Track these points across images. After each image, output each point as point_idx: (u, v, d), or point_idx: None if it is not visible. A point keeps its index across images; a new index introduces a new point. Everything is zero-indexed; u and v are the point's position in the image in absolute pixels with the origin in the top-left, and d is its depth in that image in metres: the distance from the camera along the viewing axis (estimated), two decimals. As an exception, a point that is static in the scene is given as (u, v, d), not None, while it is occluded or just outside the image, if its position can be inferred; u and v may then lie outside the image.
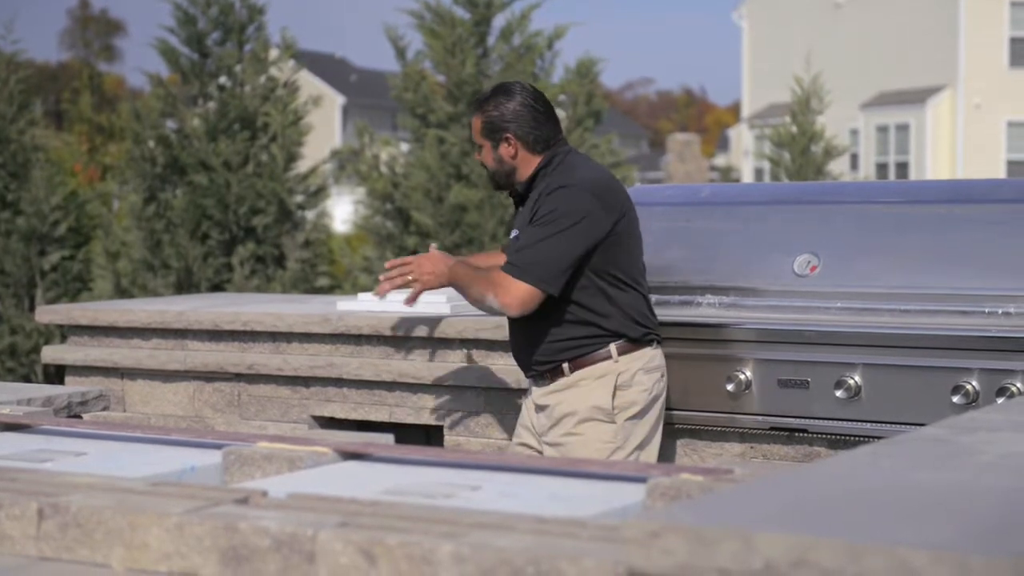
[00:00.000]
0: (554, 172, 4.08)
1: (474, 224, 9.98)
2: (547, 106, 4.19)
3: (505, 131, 4.11)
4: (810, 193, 5.14)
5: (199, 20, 10.78)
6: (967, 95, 31.88)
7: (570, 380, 4.03)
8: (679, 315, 4.31)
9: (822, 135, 11.82)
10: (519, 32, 10.46)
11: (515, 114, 4.13)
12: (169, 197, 10.62)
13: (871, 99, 32.95)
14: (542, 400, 4.09)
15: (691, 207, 4.68)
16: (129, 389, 5.28)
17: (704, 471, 2.34)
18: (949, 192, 4.73)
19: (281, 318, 5.02)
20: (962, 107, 31.89)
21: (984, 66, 31.79)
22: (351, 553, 1.84)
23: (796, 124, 11.75)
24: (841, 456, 2.03)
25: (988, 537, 1.52)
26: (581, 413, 3.99)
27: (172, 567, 1.96)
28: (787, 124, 11.88)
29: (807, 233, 4.36)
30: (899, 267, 4.19)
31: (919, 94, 32.17)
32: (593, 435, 3.98)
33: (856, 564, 1.48)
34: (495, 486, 2.39)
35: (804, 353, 4.18)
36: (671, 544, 1.57)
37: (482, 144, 4.16)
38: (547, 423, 4.05)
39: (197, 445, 2.82)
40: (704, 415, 4.31)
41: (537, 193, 4.06)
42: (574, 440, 3.98)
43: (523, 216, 4.11)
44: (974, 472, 1.89)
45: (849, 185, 5.94)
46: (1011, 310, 3.94)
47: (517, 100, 4.16)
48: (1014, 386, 3.88)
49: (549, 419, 4.04)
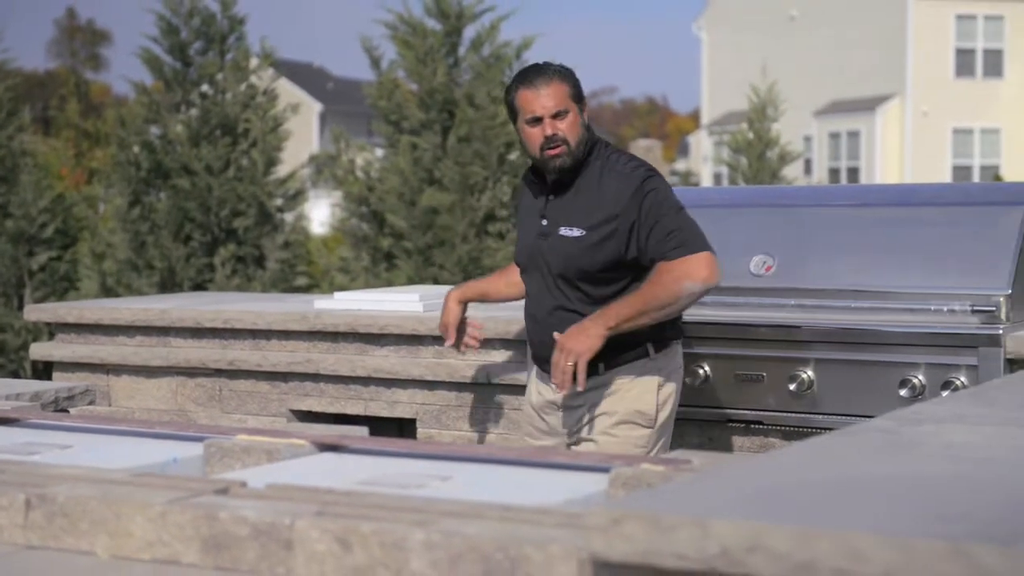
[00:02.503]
0: (615, 155, 3.71)
1: (446, 226, 9.97)
2: None
3: (584, 98, 3.75)
4: (766, 197, 5.16)
5: (182, 30, 10.74)
6: (915, 103, 32.03)
7: (604, 379, 3.68)
8: (641, 313, 4.31)
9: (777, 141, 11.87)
10: (489, 43, 10.46)
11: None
12: (153, 200, 10.58)
13: (824, 107, 33.07)
14: (572, 400, 3.72)
15: (652, 210, 4.68)
16: (114, 384, 5.26)
17: (664, 461, 2.34)
18: (897, 196, 4.76)
19: (261, 316, 5.01)
20: (910, 115, 32.05)
21: (931, 76, 31.96)
22: (327, 541, 1.84)
23: (753, 131, 11.79)
24: (794, 447, 2.04)
25: (931, 523, 1.53)
26: (620, 414, 3.68)
27: (155, 555, 1.95)
28: (744, 131, 11.93)
29: (763, 234, 4.38)
30: (850, 267, 4.20)
31: (869, 102, 32.31)
32: (628, 438, 3.67)
33: (807, 549, 1.49)
34: (465, 476, 2.39)
35: (759, 349, 4.19)
36: (631, 531, 1.58)
37: (568, 109, 3.65)
38: (575, 423, 3.74)
39: (179, 438, 2.81)
40: (665, 408, 4.32)
41: (610, 177, 3.63)
42: (608, 441, 3.66)
43: (576, 202, 3.66)
44: (919, 462, 1.90)
45: (803, 189, 5.96)
46: (955, 308, 3.97)
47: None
48: (958, 380, 3.91)
49: (580, 419, 3.72)
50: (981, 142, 32.60)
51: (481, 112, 10.05)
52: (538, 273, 3.76)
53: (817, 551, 1.48)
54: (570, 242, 3.64)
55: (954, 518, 1.55)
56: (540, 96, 3.65)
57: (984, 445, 2.02)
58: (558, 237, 3.68)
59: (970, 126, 32.43)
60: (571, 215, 3.67)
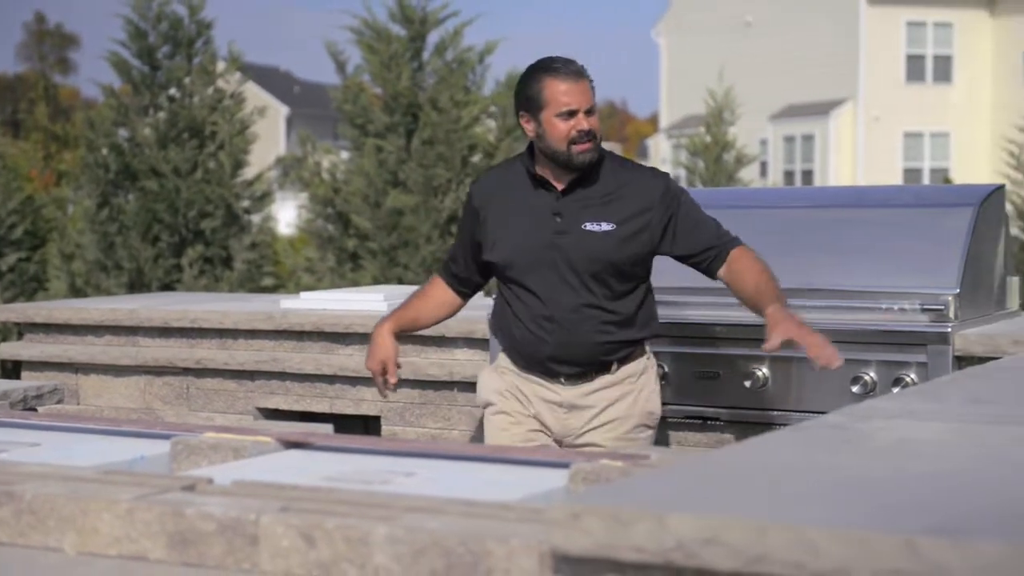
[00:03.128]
0: (615, 156, 3.70)
1: (410, 227, 9.96)
2: None
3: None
4: (722, 198, 5.17)
5: (150, 34, 10.68)
6: (867, 108, 32.22)
7: (614, 378, 3.62)
8: (601, 312, 4.32)
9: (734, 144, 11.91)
10: (452, 47, 10.45)
11: None
12: (121, 202, 10.50)
13: (779, 111, 33.21)
14: (582, 400, 3.62)
15: (612, 211, 4.69)
16: (83, 383, 5.22)
17: (622, 457, 2.34)
18: (850, 197, 4.79)
19: (227, 316, 4.99)
20: (862, 119, 32.24)
21: (882, 81, 32.15)
22: (292, 536, 1.84)
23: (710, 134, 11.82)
24: (749, 442, 2.05)
25: (882, 516, 1.54)
26: (635, 418, 3.63)
27: (122, 551, 1.94)
28: (702, 134, 11.96)
29: (719, 235, 4.39)
30: (804, 266, 4.22)
31: (823, 107, 32.48)
32: (640, 441, 3.63)
33: (761, 542, 1.49)
34: (428, 472, 2.39)
35: (715, 347, 4.21)
36: (590, 525, 1.58)
37: (595, 107, 3.61)
38: (583, 424, 3.61)
39: (147, 436, 2.80)
40: (624, 405, 4.32)
41: (631, 175, 3.63)
42: (628, 447, 3.43)
43: (597, 198, 3.58)
44: (870, 456, 1.91)
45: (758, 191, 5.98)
46: (905, 306, 3.99)
47: None
48: (908, 377, 3.93)
49: (589, 420, 3.61)
50: (931, 146, 32.82)
51: (445, 115, 10.04)
52: (552, 272, 3.59)
53: (771, 544, 1.49)
54: (599, 236, 3.55)
55: (905, 512, 1.56)
56: (576, 89, 3.55)
57: (933, 440, 2.03)
58: (584, 233, 3.57)
59: (920, 130, 32.65)
60: (595, 210, 3.58)
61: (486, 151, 10.15)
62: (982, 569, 1.40)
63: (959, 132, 32.72)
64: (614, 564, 1.59)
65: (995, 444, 1.99)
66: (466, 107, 10.11)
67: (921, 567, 1.42)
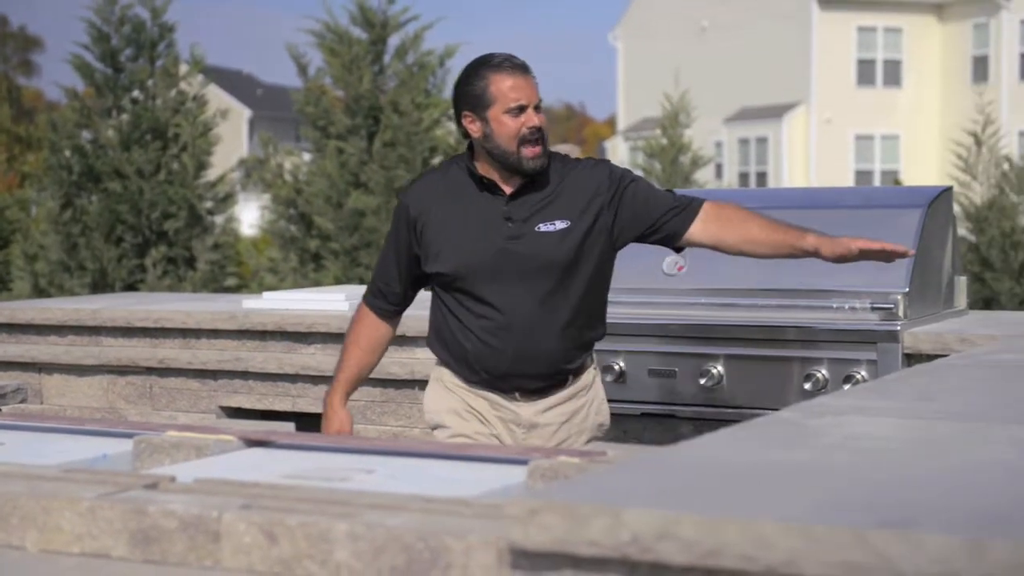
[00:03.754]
0: (575, 162, 3.41)
1: (371, 228, 9.94)
2: None
3: None
4: (677, 199, 5.18)
5: (112, 37, 10.61)
6: (819, 111, 32.42)
7: (570, 391, 3.37)
8: (559, 311, 4.32)
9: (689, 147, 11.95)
10: (413, 51, 10.44)
11: None
12: (85, 203, 10.43)
13: (734, 114, 33.36)
14: (540, 419, 3.35)
15: (570, 212, 4.70)
16: (46, 383, 5.18)
17: (580, 453, 2.35)
18: (803, 198, 4.81)
19: (190, 315, 4.96)
20: (815, 122, 32.43)
21: (834, 85, 32.36)
22: (253, 533, 1.83)
23: (666, 137, 11.86)
24: (704, 438, 2.06)
25: (833, 510, 1.55)
26: (588, 432, 3.42)
27: (84, 548, 1.92)
28: (658, 137, 11.99)
29: (675, 236, 4.40)
30: (757, 266, 4.24)
31: (776, 110, 32.65)
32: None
33: (714, 536, 1.50)
34: (388, 470, 2.38)
35: (671, 345, 4.22)
36: (548, 521, 1.58)
37: (539, 104, 3.34)
38: (544, 443, 3.32)
39: (110, 434, 2.77)
40: (582, 402, 4.33)
41: (577, 170, 3.35)
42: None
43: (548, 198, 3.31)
44: (822, 451, 1.92)
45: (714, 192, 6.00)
46: (856, 305, 4.02)
47: None
48: (859, 374, 3.96)
49: (547, 440, 3.33)
50: (881, 148, 33.05)
51: (405, 118, 10.02)
52: (506, 279, 3.29)
53: (724, 538, 1.49)
54: (555, 237, 3.28)
55: (855, 505, 1.57)
56: (525, 84, 3.28)
57: (883, 435, 2.04)
58: (538, 235, 3.28)
59: (871, 133, 32.88)
60: (546, 210, 3.30)
61: (447, 153, 10.15)
62: (929, 561, 1.41)
63: (908, 135, 32.98)
64: (571, 559, 1.59)
65: (942, 439, 2.01)
66: (427, 110, 10.10)
67: (870, 559, 1.43)
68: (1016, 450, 1.90)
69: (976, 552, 1.39)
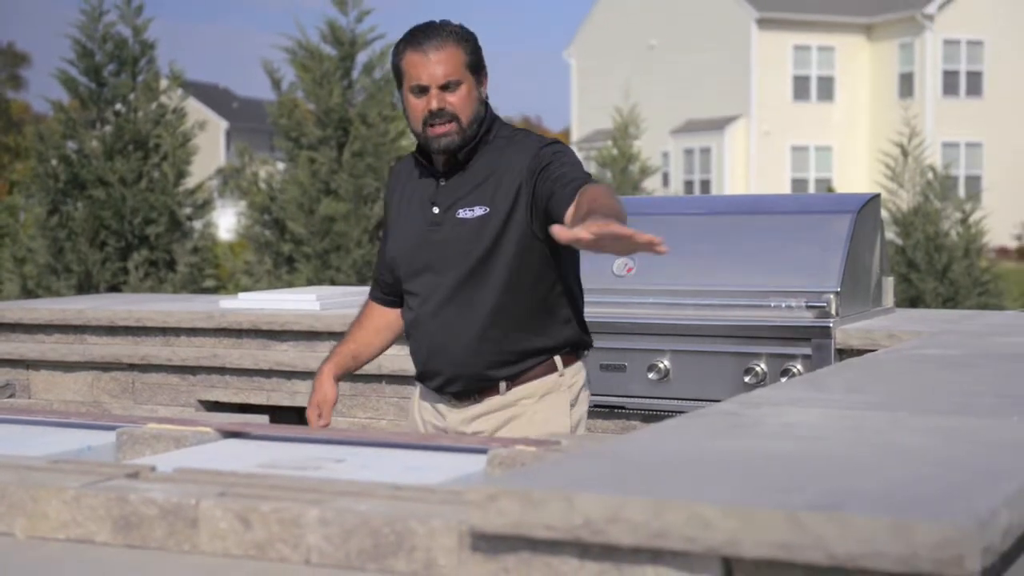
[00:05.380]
0: (521, 132, 2.91)
1: (341, 233, 9.91)
2: None
3: (485, 68, 2.88)
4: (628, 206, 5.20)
5: (96, 54, 10.52)
6: (758, 123, 32.60)
7: (506, 399, 2.87)
8: (516, 310, 4.33)
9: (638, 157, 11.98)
10: (380, 67, 10.41)
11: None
12: (71, 209, 10.34)
13: (679, 126, 33.49)
14: (470, 427, 2.90)
15: (526, 218, 4.70)
16: (34, 379, 5.13)
17: (536, 443, 2.35)
18: (743, 205, 4.84)
19: (170, 315, 4.93)
20: (754, 133, 32.61)
21: (772, 99, 32.55)
22: (229, 519, 1.82)
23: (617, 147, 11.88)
24: (651, 428, 2.06)
25: (769, 494, 1.56)
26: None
27: (70, 534, 1.91)
28: (609, 147, 12.01)
29: (624, 240, 4.41)
30: (701, 268, 4.26)
31: (719, 122, 32.80)
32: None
33: (659, 519, 1.51)
34: (357, 459, 2.38)
35: (622, 342, 4.23)
36: (505, 506, 1.58)
37: (462, 80, 2.80)
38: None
39: (93, 427, 2.75)
40: (538, 395, 4.33)
41: (511, 149, 2.83)
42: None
43: (475, 181, 2.84)
44: (760, 440, 1.93)
45: (660, 199, 6.02)
46: (792, 304, 4.04)
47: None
48: (795, 368, 3.98)
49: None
50: (816, 158, 33.27)
51: (373, 129, 10.00)
52: (428, 270, 2.89)
53: (669, 520, 1.50)
54: (471, 224, 2.81)
55: (790, 489, 1.58)
56: (429, 62, 2.78)
57: (816, 424, 2.06)
58: (456, 222, 2.83)
59: (806, 144, 33.08)
60: (470, 195, 2.84)
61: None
62: (857, 541, 1.42)
63: (840, 146, 33.21)
64: (528, 541, 1.60)
65: (871, 428, 2.02)
66: (393, 122, 10.08)
67: (803, 539, 1.44)
68: (939, 438, 1.92)
69: (901, 532, 1.40)
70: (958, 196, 11.06)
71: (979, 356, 2.99)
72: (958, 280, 10.12)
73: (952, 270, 10.14)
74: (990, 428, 2.01)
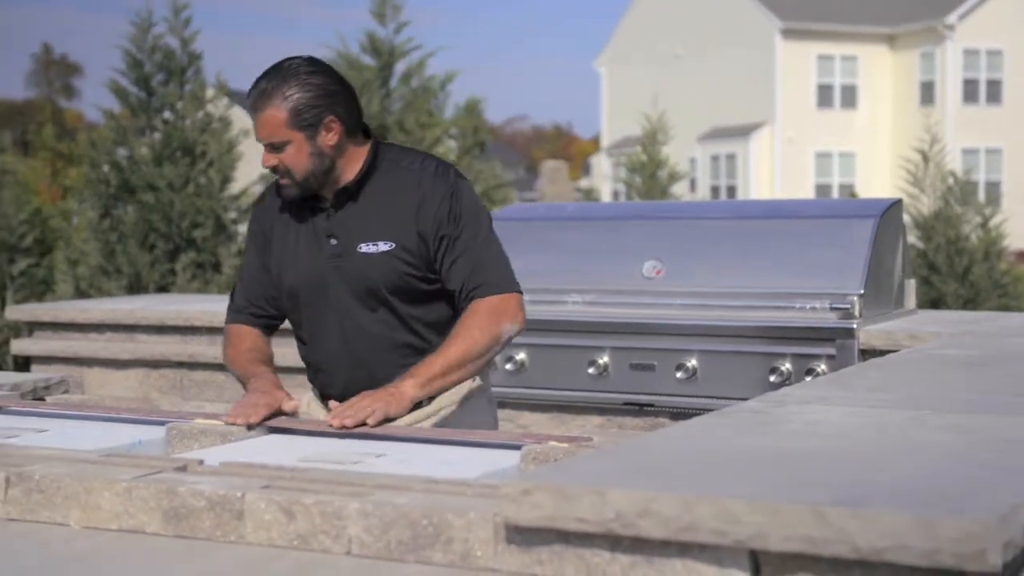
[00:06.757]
0: (408, 157, 2.77)
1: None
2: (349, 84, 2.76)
3: (325, 114, 2.65)
4: (657, 210, 5.20)
5: (146, 64, 10.59)
6: (783, 130, 32.45)
7: (429, 410, 2.73)
8: (549, 312, 4.33)
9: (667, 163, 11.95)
10: (417, 76, 10.44)
11: (329, 92, 2.66)
12: (121, 213, 10.42)
13: (706, 133, 33.38)
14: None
15: (559, 222, 4.71)
16: (87, 376, 5.17)
17: (569, 439, 2.35)
18: (769, 210, 4.82)
19: (217, 315, 4.95)
20: (779, 140, 32.46)
21: (796, 107, 32.40)
22: (273, 511, 1.83)
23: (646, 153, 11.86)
24: (680, 425, 2.06)
25: (794, 489, 1.55)
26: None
27: (122, 525, 1.92)
28: (638, 153, 11.99)
29: (654, 243, 4.41)
30: (728, 270, 4.25)
31: (744, 129, 32.67)
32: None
33: (689, 513, 1.50)
34: (396, 454, 2.38)
35: (651, 342, 4.22)
36: (539, 499, 1.58)
37: (288, 140, 2.64)
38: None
39: (144, 422, 2.77)
40: (570, 394, 4.34)
41: (411, 180, 2.70)
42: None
43: (374, 212, 2.71)
44: (785, 437, 1.93)
45: (688, 204, 6.00)
46: (816, 306, 4.03)
47: (325, 75, 2.68)
48: (819, 368, 3.96)
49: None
50: (839, 164, 33.09)
51: (411, 136, 10.03)
52: (335, 307, 2.76)
53: (698, 515, 1.50)
54: (377, 260, 2.69)
55: (814, 485, 1.57)
56: (256, 121, 2.70)
57: (840, 422, 2.05)
58: (360, 256, 2.70)
59: (830, 150, 32.91)
60: (371, 228, 2.71)
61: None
62: (881, 536, 1.41)
63: (863, 152, 33.01)
64: (560, 534, 1.60)
65: (893, 426, 2.01)
66: (429, 129, 10.11)
67: (828, 534, 1.44)
68: (960, 435, 1.91)
69: (924, 527, 1.40)
70: (978, 201, 10.96)
71: (999, 356, 2.97)
72: (978, 283, 10.04)
73: (972, 273, 10.07)
74: (1010, 426, 1.99)
